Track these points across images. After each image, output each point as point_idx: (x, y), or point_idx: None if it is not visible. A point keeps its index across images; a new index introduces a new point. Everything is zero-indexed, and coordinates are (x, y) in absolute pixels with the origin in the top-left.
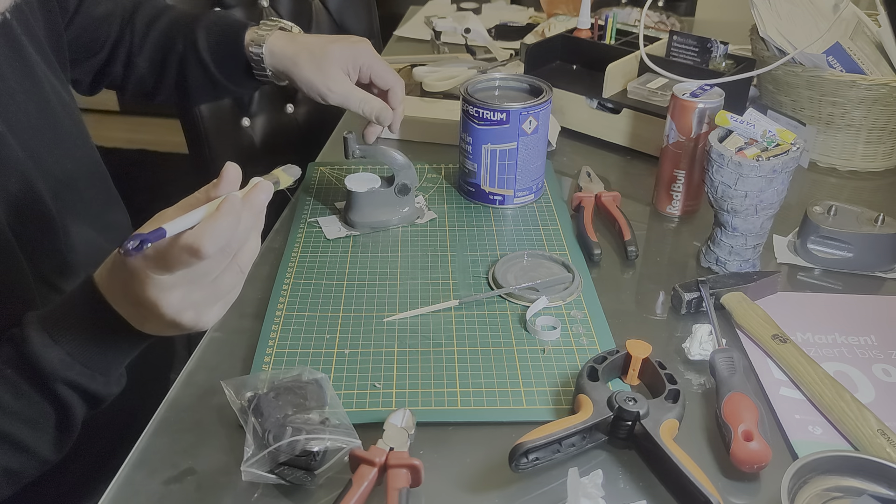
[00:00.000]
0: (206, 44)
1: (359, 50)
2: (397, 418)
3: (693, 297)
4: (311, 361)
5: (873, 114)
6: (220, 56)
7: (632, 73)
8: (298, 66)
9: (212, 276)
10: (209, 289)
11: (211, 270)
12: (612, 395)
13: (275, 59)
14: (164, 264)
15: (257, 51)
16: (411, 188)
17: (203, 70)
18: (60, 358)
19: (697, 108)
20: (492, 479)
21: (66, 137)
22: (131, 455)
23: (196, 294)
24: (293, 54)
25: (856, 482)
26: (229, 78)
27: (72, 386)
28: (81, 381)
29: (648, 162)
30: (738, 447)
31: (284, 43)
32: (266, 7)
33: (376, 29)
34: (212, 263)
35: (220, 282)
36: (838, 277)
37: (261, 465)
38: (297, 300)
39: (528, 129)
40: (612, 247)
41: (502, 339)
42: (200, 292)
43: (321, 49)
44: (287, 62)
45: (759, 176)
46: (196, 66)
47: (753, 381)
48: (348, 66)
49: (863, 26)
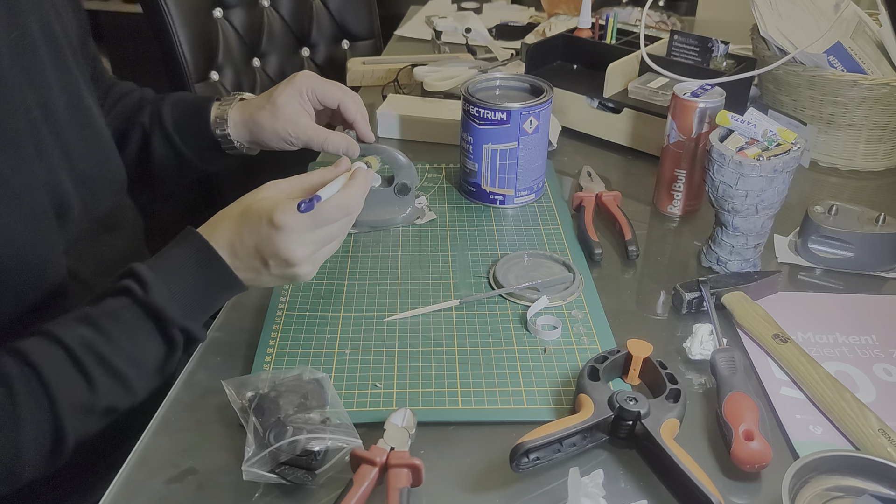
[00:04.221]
0: (171, 117)
1: (297, 82)
2: (398, 418)
3: (694, 297)
4: (311, 361)
5: (874, 113)
6: (186, 128)
7: (633, 73)
8: (259, 125)
9: (335, 235)
10: (327, 248)
11: (338, 232)
12: (613, 395)
13: (237, 129)
14: (316, 221)
15: (223, 129)
16: (411, 188)
17: (168, 144)
18: (180, 308)
19: (698, 108)
20: (492, 478)
21: (94, 136)
22: (132, 454)
23: (320, 252)
24: (251, 117)
25: (857, 482)
26: (195, 152)
27: (185, 332)
28: (192, 328)
29: (649, 161)
30: (739, 447)
31: (241, 112)
32: (266, 7)
33: (377, 29)
34: (344, 224)
35: (334, 244)
36: (839, 277)
37: (262, 465)
38: (298, 300)
39: (529, 128)
40: (612, 246)
41: (503, 338)
42: (322, 250)
43: (270, 102)
44: (250, 126)
45: (760, 175)
46: (160, 140)
47: (754, 380)
48: (297, 103)
49: (864, 26)
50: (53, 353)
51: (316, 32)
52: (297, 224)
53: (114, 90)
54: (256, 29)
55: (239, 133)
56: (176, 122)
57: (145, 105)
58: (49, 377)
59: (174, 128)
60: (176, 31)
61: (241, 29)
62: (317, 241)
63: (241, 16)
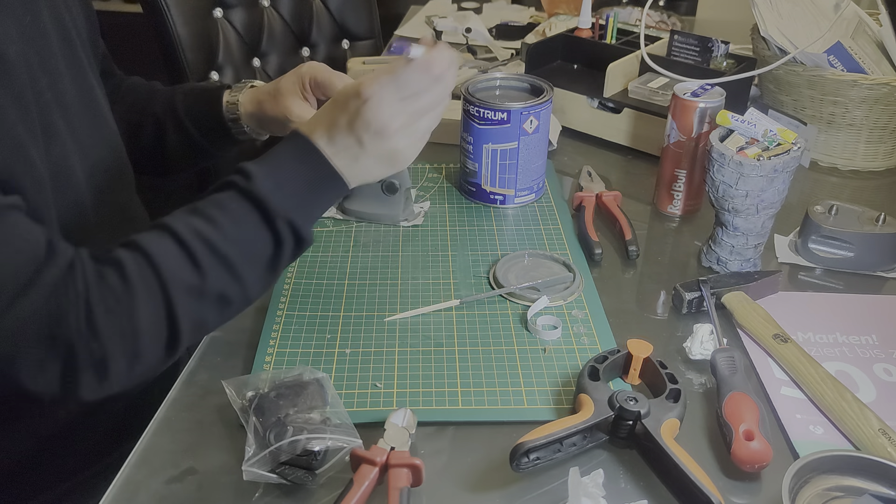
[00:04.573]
0: (183, 105)
1: (301, 70)
2: (398, 418)
3: (694, 297)
4: (312, 361)
5: (874, 113)
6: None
7: (633, 73)
8: (263, 108)
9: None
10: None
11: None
12: (613, 395)
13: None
14: (403, 85)
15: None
16: (399, 188)
17: (181, 131)
18: (284, 198)
19: (698, 108)
20: (493, 478)
21: (103, 125)
22: (132, 454)
23: (416, 124)
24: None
25: (857, 482)
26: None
27: (290, 225)
28: (297, 221)
29: (649, 161)
30: (739, 447)
31: (250, 96)
32: (267, 7)
33: (377, 28)
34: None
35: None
36: (839, 277)
37: (262, 465)
38: (298, 300)
39: (529, 128)
40: (612, 246)
41: (503, 338)
42: (419, 122)
43: (274, 86)
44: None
45: (760, 175)
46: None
47: (754, 380)
48: (298, 89)
49: (864, 25)
50: (162, 239)
51: (316, 32)
52: (383, 90)
53: (125, 85)
54: (256, 29)
55: (248, 118)
56: (188, 108)
57: (157, 96)
58: (158, 259)
59: (186, 114)
60: (176, 31)
61: (242, 29)
62: (408, 110)
63: (242, 15)
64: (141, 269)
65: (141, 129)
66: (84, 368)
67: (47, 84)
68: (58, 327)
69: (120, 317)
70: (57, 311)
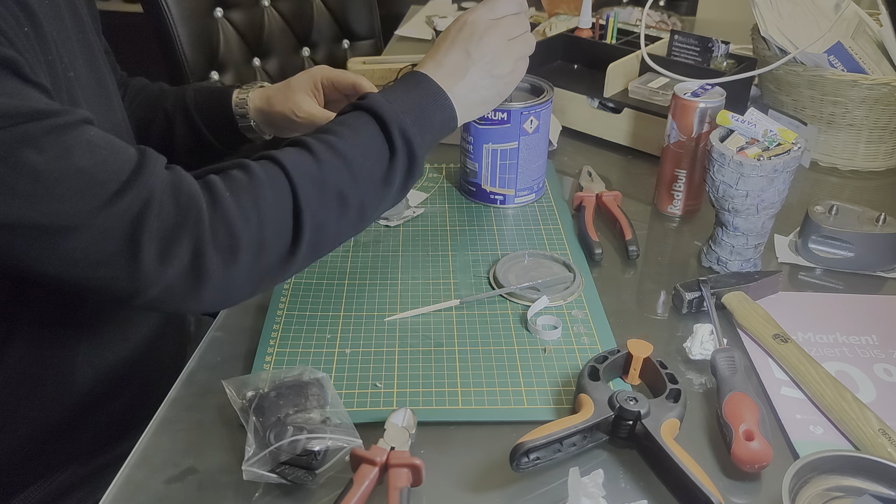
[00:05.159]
0: (193, 101)
1: (314, 71)
2: (398, 418)
3: (694, 297)
4: (312, 361)
5: (875, 113)
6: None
7: (633, 73)
8: (272, 104)
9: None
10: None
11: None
12: (613, 395)
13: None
14: (495, 6)
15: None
16: None
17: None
18: (394, 109)
19: (699, 108)
20: (493, 478)
21: (115, 109)
22: (132, 454)
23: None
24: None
25: (857, 482)
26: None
27: (403, 135)
28: (410, 131)
29: (649, 161)
30: (739, 447)
31: (260, 94)
32: (267, 6)
33: (377, 28)
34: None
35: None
36: (839, 277)
37: (262, 465)
38: (299, 300)
39: (530, 128)
40: (613, 246)
41: (503, 338)
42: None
43: (285, 84)
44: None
45: (761, 175)
46: (183, 123)
47: (754, 380)
48: (309, 87)
49: (864, 26)
50: (283, 148)
51: (316, 32)
52: (480, 12)
53: (131, 85)
54: (257, 28)
55: (256, 113)
56: (198, 104)
57: (167, 93)
58: (280, 156)
59: (196, 109)
60: (176, 31)
61: (242, 28)
62: (501, 29)
63: (242, 15)
64: (264, 164)
65: (151, 124)
66: (213, 252)
67: (69, 63)
68: (186, 210)
69: (246, 201)
70: (179, 194)
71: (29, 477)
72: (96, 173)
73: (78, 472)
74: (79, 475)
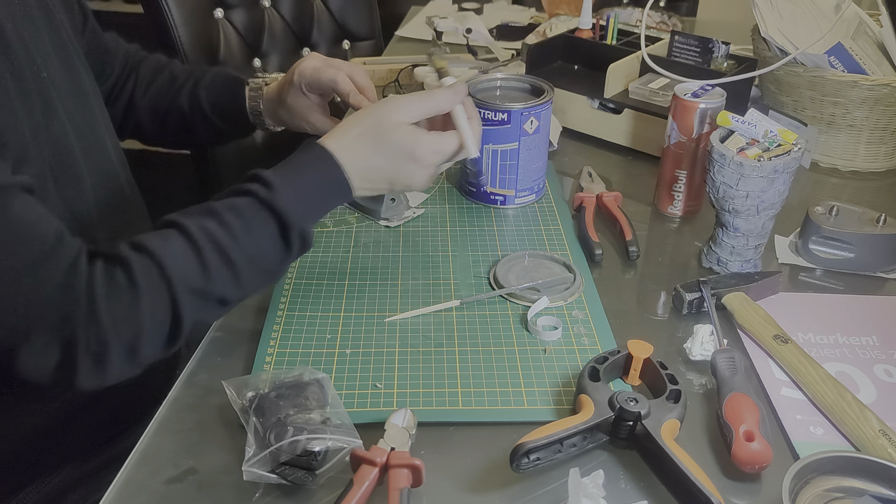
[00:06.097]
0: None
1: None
2: (398, 418)
3: (694, 298)
4: (312, 361)
5: (875, 114)
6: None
7: (633, 74)
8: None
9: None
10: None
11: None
12: (614, 396)
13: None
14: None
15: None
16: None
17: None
18: (301, 209)
19: (699, 109)
20: (493, 479)
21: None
22: (132, 454)
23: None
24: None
25: (857, 483)
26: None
27: (302, 235)
28: (308, 230)
29: (650, 162)
30: (740, 447)
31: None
32: (267, 7)
33: (377, 29)
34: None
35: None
36: (840, 278)
37: (262, 465)
38: (299, 300)
39: (530, 129)
40: (613, 247)
41: (503, 339)
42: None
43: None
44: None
45: (761, 176)
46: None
47: (755, 381)
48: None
49: (864, 26)
50: (173, 239)
51: (317, 32)
52: (436, 160)
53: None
54: (257, 29)
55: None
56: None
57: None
58: (168, 260)
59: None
60: (177, 32)
61: (242, 29)
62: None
63: (242, 16)
64: (148, 268)
65: (167, 117)
66: (83, 355)
67: (42, 64)
68: (62, 312)
69: (123, 311)
70: (62, 296)
71: (23, 479)
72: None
73: (72, 473)
74: (73, 477)
